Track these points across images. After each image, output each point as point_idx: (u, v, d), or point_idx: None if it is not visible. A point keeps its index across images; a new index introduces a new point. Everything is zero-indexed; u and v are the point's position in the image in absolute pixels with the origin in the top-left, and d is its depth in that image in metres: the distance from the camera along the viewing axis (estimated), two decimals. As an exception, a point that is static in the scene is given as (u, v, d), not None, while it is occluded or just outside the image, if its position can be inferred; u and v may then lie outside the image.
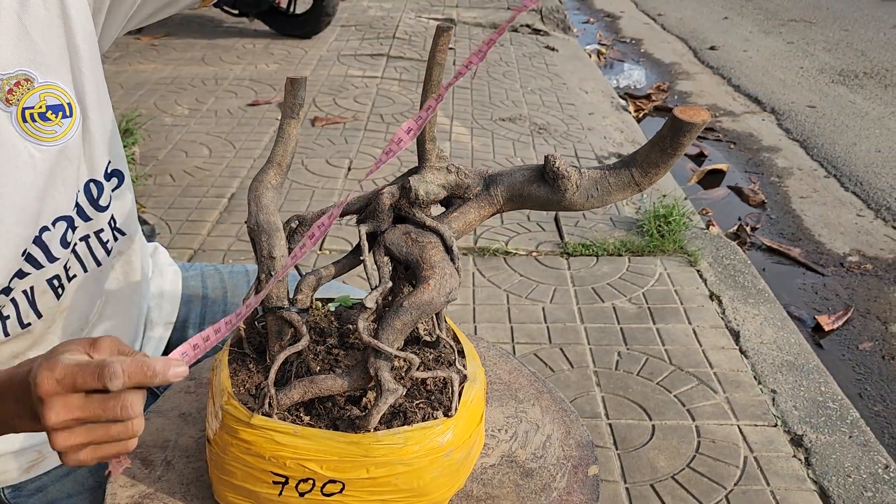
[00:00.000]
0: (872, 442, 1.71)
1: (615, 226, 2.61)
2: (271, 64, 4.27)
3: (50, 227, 0.87)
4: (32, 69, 0.81)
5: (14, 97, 0.80)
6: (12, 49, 0.79)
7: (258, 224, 0.82)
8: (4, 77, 0.79)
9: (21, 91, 0.80)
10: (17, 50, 0.80)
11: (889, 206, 3.17)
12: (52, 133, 0.83)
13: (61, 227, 0.88)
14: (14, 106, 0.80)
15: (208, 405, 0.83)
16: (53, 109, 0.83)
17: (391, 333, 0.77)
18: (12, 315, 0.88)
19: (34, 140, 0.82)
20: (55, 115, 0.84)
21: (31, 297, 0.89)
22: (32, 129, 0.82)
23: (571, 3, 6.95)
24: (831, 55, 5.19)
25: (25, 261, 0.86)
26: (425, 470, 0.77)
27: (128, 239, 1.00)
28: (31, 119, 0.81)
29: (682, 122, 0.75)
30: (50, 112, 0.83)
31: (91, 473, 1.01)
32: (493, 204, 0.86)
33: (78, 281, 0.93)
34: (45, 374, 0.61)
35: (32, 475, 0.98)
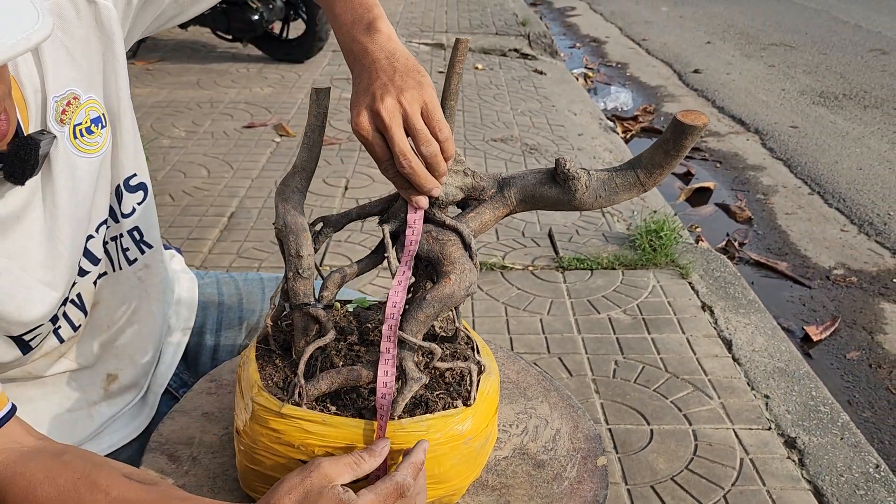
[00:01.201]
0: (863, 443, 1.77)
1: (608, 241, 2.68)
2: (265, 88, 4.34)
3: (94, 233, 0.91)
4: (77, 87, 0.85)
5: (66, 116, 0.84)
6: (61, 70, 0.83)
7: (286, 225, 0.86)
8: (58, 98, 0.83)
9: (71, 110, 0.84)
10: (64, 70, 0.84)
11: (871, 221, 3.26)
12: (95, 145, 0.88)
13: (102, 231, 0.93)
14: (67, 125, 0.84)
15: (237, 399, 0.87)
16: (95, 122, 0.88)
17: (415, 325, 0.82)
18: (64, 322, 0.92)
19: (83, 154, 0.86)
20: (97, 126, 0.88)
21: (79, 302, 0.93)
22: (81, 143, 0.86)
23: (558, 29, 7.09)
24: (812, 78, 5.33)
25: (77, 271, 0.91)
26: (446, 457, 0.81)
27: (155, 252, 1.04)
28: (79, 135, 0.85)
29: (684, 126, 0.81)
30: (93, 125, 0.87)
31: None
32: (507, 205, 0.91)
33: (105, 279, 0.97)
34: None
35: None
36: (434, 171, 0.82)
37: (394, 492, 0.71)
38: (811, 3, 7.94)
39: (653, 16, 7.50)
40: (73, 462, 0.75)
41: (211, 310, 1.21)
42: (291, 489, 0.69)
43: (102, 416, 1.02)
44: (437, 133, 0.81)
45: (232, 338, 1.20)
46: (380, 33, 0.86)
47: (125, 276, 1.00)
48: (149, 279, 1.04)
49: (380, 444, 0.76)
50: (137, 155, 0.98)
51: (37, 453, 0.75)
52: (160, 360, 1.12)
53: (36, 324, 0.84)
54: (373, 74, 0.82)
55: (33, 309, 0.83)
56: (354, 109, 0.82)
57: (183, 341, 1.16)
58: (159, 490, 0.73)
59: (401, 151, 0.79)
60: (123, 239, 0.98)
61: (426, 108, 0.80)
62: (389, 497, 0.71)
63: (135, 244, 1.00)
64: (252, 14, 4.35)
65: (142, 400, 1.09)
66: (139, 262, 1.01)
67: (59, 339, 0.91)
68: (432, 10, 6.70)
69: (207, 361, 1.19)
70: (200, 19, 4.48)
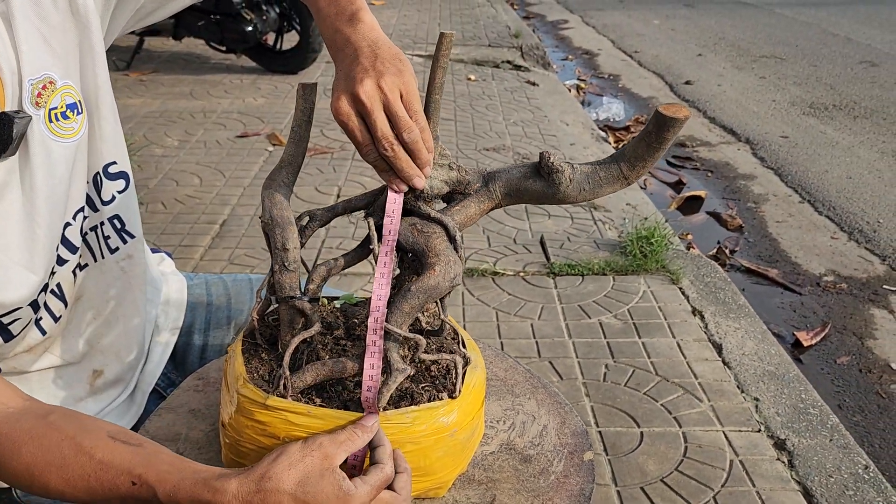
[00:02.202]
0: (852, 445, 1.77)
1: (599, 247, 2.69)
2: (259, 98, 4.35)
3: (71, 220, 0.92)
4: (53, 72, 0.86)
5: (42, 100, 0.85)
6: (37, 55, 0.84)
7: (272, 218, 0.87)
8: (34, 81, 0.84)
9: (47, 93, 0.85)
10: (40, 55, 0.85)
11: (861, 228, 3.28)
12: (70, 130, 0.88)
13: (79, 219, 0.93)
14: (42, 108, 0.85)
15: (223, 393, 0.87)
16: (71, 108, 0.88)
17: (399, 316, 0.82)
18: (45, 313, 0.92)
19: (58, 138, 0.87)
20: (73, 112, 0.89)
21: (59, 292, 0.93)
22: (56, 128, 0.86)
23: (550, 42, 7.14)
24: (802, 89, 5.38)
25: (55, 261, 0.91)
26: (431, 449, 0.81)
27: (137, 242, 1.04)
28: (55, 119, 0.86)
29: (665, 118, 0.82)
30: (69, 110, 0.88)
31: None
32: (492, 199, 0.92)
33: (88, 270, 0.97)
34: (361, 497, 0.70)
35: None
36: (416, 159, 0.82)
37: (384, 482, 0.73)
38: (801, 16, 8.03)
39: (644, 29, 7.57)
40: (59, 423, 0.74)
41: (199, 310, 1.22)
42: (292, 465, 0.69)
43: (89, 411, 1.02)
44: (415, 122, 0.81)
45: (220, 337, 1.20)
46: (363, 23, 0.87)
47: (107, 267, 1.00)
48: (132, 270, 1.04)
49: (370, 419, 0.76)
50: (117, 144, 0.98)
51: (23, 414, 0.75)
52: (148, 359, 1.12)
53: (14, 306, 0.84)
54: (354, 60, 0.83)
55: (11, 291, 0.83)
56: (335, 94, 0.83)
57: (171, 341, 1.17)
58: (145, 451, 0.72)
59: (383, 135, 0.80)
60: (104, 227, 0.98)
61: (405, 95, 0.81)
62: (381, 487, 0.72)
63: (116, 233, 1.00)
64: (246, 25, 4.37)
65: (129, 398, 1.09)
66: (121, 252, 1.01)
67: (41, 332, 0.91)
68: (425, 23, 6.75)
69: (196, 361, 1.19)
70: (194, 31, 4.51)
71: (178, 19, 4.47)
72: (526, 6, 9.09)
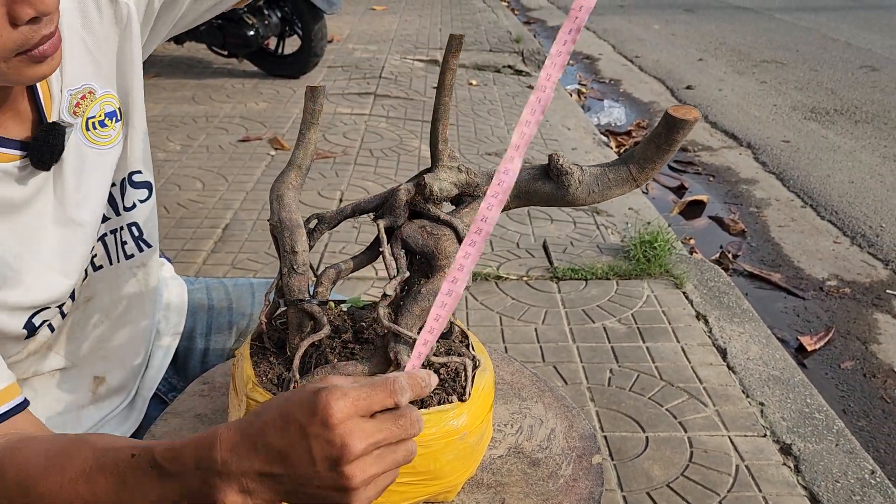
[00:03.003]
0: (858, 450, 1.76)
1: (602, 252, 2.69)
2: (261, 102, 4.35)
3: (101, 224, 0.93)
4: (94, 82, 0.88)
5: (80, 109, 0.86)
6: (79, 66, 0.86)
7: (280, 221, 0.86)
8: (73, 92, 0.85)
9: (86, 103, 0.87)
10: (82, 67, 0.86)
11: (864, 233, 3.28)
12: (107, 138, 0.90)
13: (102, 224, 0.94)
14: (80, 117, 0.86)
15: (231, 397, 0.87)
16: (109, 116, 0.90)
17: (409, 319, 0.82)
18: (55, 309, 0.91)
19: (94, 145, 0.88)
20: (111, 120, 0.90)
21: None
22: (93, 136, 0.88)
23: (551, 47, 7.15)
24: (803, 94, 5.38)
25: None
26: (441, 452, 0.81)
27: (153, 252, 1.04)
28: (92, 127, 0.88)
29: (675, 120, 0.82)
30: (107, 119, 0.89)
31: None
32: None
33: (102, 272, 0.97)
34: (339, 400, 0.54)
35: None
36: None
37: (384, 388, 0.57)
38: (802, 21, 8.04)
39: (645, 33, 7.58)
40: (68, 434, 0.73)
41: (200, 314, 1.21)
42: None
43: (91, 419, 1.02)
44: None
45: (221, 342, 1.20)
46: None
47: (121, 271, 1.00)
48: (145, 279, 1.05)
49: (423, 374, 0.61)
50: (145, 154, 0.99)
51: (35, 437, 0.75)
52: (149, 363, 1.11)
53: (43, 305, 0.85)
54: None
55: (41, 292, 0.83)
56: None
57: (172, 345, 1.16)
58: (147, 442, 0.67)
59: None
60: (122, 232, 0.99)
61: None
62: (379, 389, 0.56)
63: (133, 240, 1.00)
64: (247, 30, 4.37)
65: (130, 404, 1.09)
66: (136, 259, 1.01)
67: (49, 328, 0.91)
68: (426, 28, 6.76)
69: (197, 365, 1.19)
70: (196, 35, 4.51)
71: (180, 24, 4.47)
72: (526, 11, 9.10)
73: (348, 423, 0.53)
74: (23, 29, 0.67)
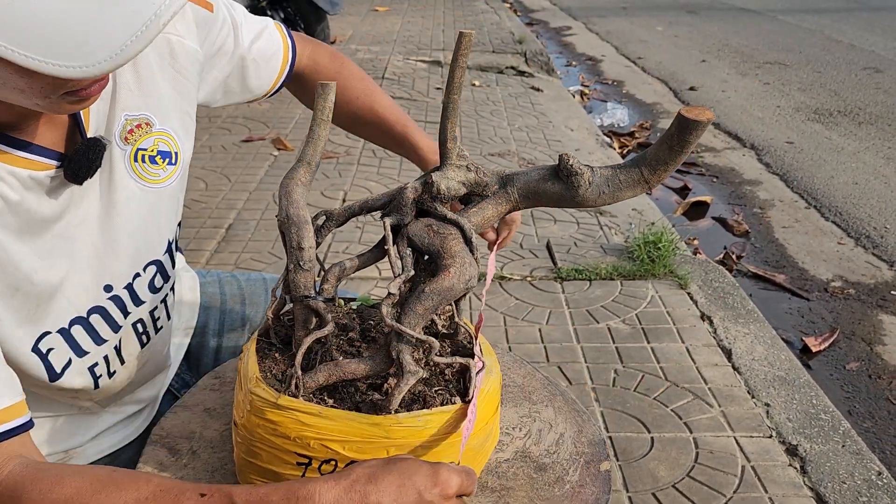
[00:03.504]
0: (865, 451, 1.76)
1: (606, 252, 2.68)
2: (263, 103, 4.35)
3: (142, 272, 0.90)
4: (153, 115, 0.86)
5: (133, 137, 0.85)
6: (138, 94, 0.84)
7: (288, 217, 0.86)
8: (130, 118, 0.84)
9: (139, 133, 0.85)
10: (142, 95, 0.85)
11: (868, 234, 3.27)
12: (155, 176, 0.88)
13: (151, 272, 0.92)
14: (130, 145, 0.85)
15: (236, 392, 0.87)
16: (163, 155, 0.88)
17: (413, 318, 0.81)
18: (101, 364, 0.90)
19: (139, 180, 0.86)
20: (163, 160, 0.88)
21: (118, 347, 0.91)
22: (140, 169, 0.86)
23: (554, 48, 7.15)
24: (806, 95, 5.38)
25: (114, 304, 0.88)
26: (443, 454, 0.80)
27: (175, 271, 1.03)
28: (141, 160, 0.86)
29: (688, 121, 0.80)
30: (159, 157, 0.88)
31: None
32: (510, 201, 0.91)
33: (162, 332, 0.97)
34: (455, 477, 0.69)
35: None
36: None
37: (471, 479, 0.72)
38: (805, 23, 8.03)
39: (648, 35, 7.58)
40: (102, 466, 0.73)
41: (213, 311, 1.20)
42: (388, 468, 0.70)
43: (106, 422, 1.01)
44: None
45: (235, 339, 1.19)
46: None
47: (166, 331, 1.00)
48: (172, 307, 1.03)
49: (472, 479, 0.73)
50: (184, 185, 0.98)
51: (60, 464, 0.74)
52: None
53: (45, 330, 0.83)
54: None
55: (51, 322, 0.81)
56: None
57: (185, 342, 1.16)
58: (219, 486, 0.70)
59: None
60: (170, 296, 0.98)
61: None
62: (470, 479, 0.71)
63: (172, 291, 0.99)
64: (251, 30, 4.37)
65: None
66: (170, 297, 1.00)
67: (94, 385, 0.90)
68: (429, 29, 6.76)
69: (210, 363, 1.18)
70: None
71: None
72: (529, 13, 9.10)
73: (455, 500, 0.69)
74: None
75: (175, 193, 0.92)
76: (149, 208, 0.88)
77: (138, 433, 1.05)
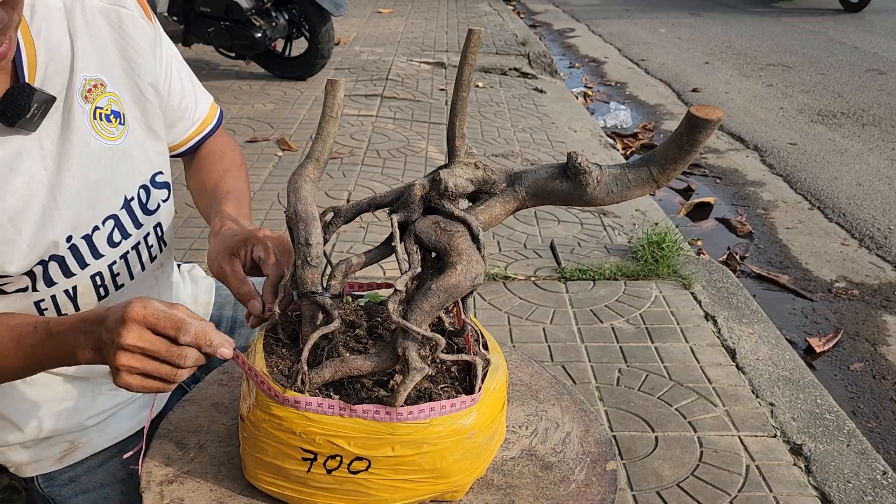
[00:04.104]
0: (869, 450, 1.76)
1: (609, 253, 2.68)
2: (268, 104, 4.36)
3: (100, 225, 0.94)
4: (105, 77, 0.93)
5: (91, 96, 0.91)
6: (94, 56, 0.92)
7: (296, 213, 0.86)
8: (88, 78, 0.91)
9: (97, 92, 0.92)
10: (96, 58, 0.92)
11: (872, 235, 3.27)
12: (111, 133, 0.94)
13: (109, 226, 0.95)
14: (90, 103, 0.91)
15: (243, 387, 0.87)
16: (115, 115, 0.95)
17: (419, 315, 0.81)
18: (51, 310, 0.93)
19: (98, 136, 0.92)
20: (115, 119, 0.95)
21: (72, 295, 0.95)
22: (99, 126, 0.93)
23: (557, 50, 7.16)
24: (809, 97, 5.37)
25: (72, 255, 0.92)
26: (448, 451, 0.80)
27: (168, 250, 1.07)
28: (99, 118, 0.92)
29: (698, 120, 0.80)
30: (113, 116, 0.95)
31: (122, 465, 1.04)
32: (517, 199, 0.91)
33: (124, 289, 0.99)
34: (139, 306, 0.72)
35: (65, 464, 1.01)
36: None
37: (174, 322, 0.73)
38: (808, 25, 8.03)
39: (651, 37, 7.58)
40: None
41: (226, 308, 1.25)
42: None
43: (105, 403, 1.03)
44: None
45: (245, 335, 1.22)
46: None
47: (143, 278, 1.03)
48: (162, 276, 1.07)
49: (218, 340, 0.76)
50: (164, 155, 1.04)
51: None
52: None
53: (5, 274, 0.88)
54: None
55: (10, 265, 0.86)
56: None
57: None
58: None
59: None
60: (149, 237, 1.02)
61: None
62: (169, 319, 0.73)
63: (157, 240, 1.03)
64: (255, 32, 4.39)
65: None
66: (157, 261, 1.04)
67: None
68: (433, 31, 6.77)
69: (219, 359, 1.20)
70: (204, 37, 4.53)
71: (187, 25, 4.49)
72: (532, 15, 9.11)
73: (132, 324, 0.72)
74: None
75: (129, 152, 0.97)
76: (106, 163, 0.94)
77: (143, 423, 1.06)
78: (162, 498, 0.84)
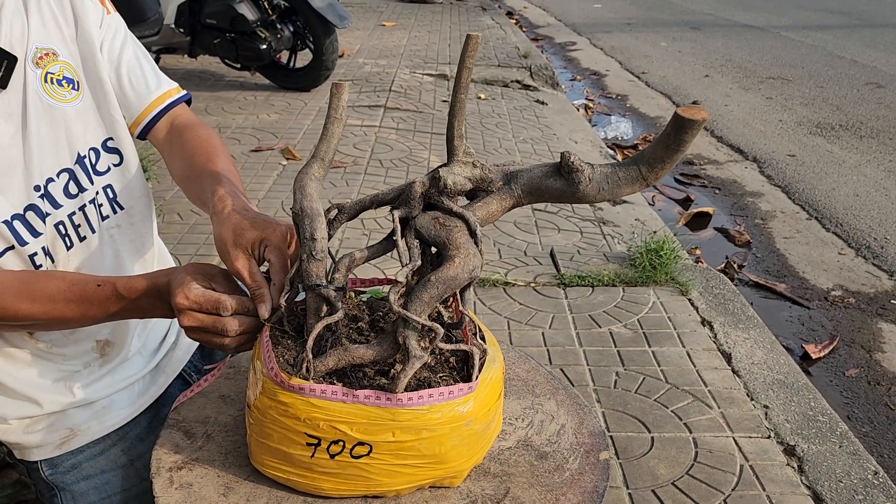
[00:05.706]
0: (861, 451, 1.79)
1: (608, 260, 2.72)
2: (272, 114, 4.42)
3: (55, 178, 1.02)
4: (57, 48, 1.03)
5: (42, 63, 1.01)
6: (43, 31, 1.02)
7: (302, 209, 0.90)
8: (39, 47, 1.01)
9: (48, 60, 1.02)
10: (46, 32, 1.03)
11: (869, 245, 3.31)
12: (62, 96, 1.03)
13: (64, 178, 1.03)
14: (41, 69, 1.01)
15: (250, 375, 0.91)
16: (68, 81, 1.04)
17: (419, 305, 0.85)
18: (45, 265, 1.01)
19: (48, 97, 1.02)
20: (68, 84, 1.04)
21: (46, 249, 1.02)
22: (50, 89, 1.02)
23: (559, 63, 7.22)
24: (808, 109, 5.42)
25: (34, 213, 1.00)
26: (446, 437, 0.83)
27: (126, 216, 1.12)
28: (51, 82, 1.02)
29: (684, 120, 0.85)
30: (65, 81, 1.04)
31: (123, 452, 1.08)
32: (513, 197, 0.95)
33: (87, 242, 1.06)
34: (181, 295, 0.86)
35: (65, 450, 1.05)
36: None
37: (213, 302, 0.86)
38: (807, 39, 8.10)
39: (652, 50, 7.65)
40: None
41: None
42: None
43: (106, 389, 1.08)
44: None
45: None
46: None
47: (101, 234, 1.09)
48: (120, 238, 1.12)
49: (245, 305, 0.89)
50: (118, 125, 1.11)
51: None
52: (177, 345, 1.16)
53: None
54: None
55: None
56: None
57: None
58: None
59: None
60: (99, 196, 1.08)
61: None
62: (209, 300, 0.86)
63: (108, 201, 1.10)
64: (260, 43, 4.45)
65: (150, 379, 1.13)
66: (111, 220, 1.10)
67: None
68: (435, 44, 6.84)
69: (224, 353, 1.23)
70: (209, 48, 4.59)
71: (193, 37, 4.55)
72: (534, 28, 9.20)
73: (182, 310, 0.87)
74: None
75: (82, 114, 1.06)
76: (57, 122, 1.03)
77: (143, 409, 1.10)
78: (171, 483, 0.87)
